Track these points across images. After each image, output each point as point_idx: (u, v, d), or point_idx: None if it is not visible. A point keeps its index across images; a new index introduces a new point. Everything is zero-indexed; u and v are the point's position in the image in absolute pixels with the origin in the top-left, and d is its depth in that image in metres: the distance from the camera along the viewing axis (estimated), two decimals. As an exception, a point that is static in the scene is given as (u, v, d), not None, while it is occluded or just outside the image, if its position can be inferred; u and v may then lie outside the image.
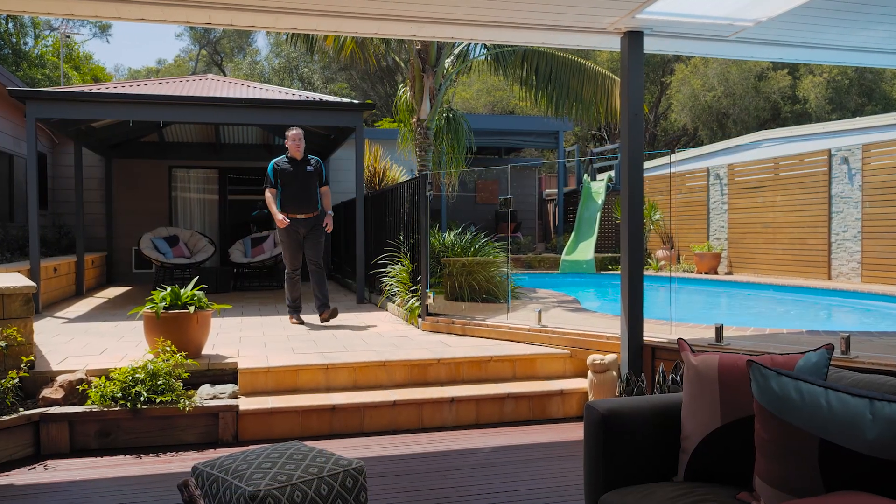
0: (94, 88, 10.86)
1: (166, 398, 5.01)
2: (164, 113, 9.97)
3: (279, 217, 7.70)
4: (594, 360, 5.68)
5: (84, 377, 5.19)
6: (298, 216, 7.77)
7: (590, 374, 5.72)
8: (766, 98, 25.62)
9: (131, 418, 4.97)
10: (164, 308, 5.72)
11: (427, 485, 4.18)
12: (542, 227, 21.58)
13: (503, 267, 8.78)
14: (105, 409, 4.93)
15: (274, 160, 7.88)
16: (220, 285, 11.79)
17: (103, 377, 5.18)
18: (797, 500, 2.08)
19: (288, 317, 8.26)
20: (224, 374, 5.70)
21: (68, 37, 29.44)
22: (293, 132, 7.89)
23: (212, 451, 4.91)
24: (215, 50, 42.09)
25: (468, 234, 8.73)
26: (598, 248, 17.17)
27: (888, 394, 2.19)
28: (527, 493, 4.04)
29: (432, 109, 10.55)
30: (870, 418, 2.07)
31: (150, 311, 5.71)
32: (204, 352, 6.04)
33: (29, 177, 9.07)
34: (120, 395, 4.98)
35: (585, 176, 18.97)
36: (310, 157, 7.99)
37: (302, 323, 7.94)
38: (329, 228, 7.93)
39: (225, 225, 15.04)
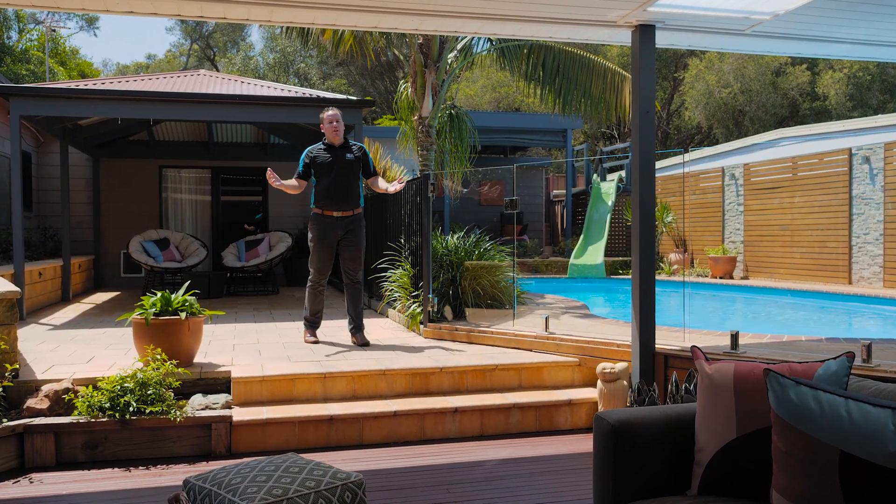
0: (81, 84, 10.88)
1: (156, 408, 5.02)
2: (154, 110, 9.99)
3: (275, 183, 6.60)
4: (604, 368, 5.68)
5: (70, 386, 5.20)
6: (335, 214, 6.84)
7: (599, 383, 5.72)
8: (784, 95, 25.62)
9: (120, 429, 4.97)
10: (154, 314, 5.73)
11: (429, 499, 4.18)
12: (550, 230, 21.57)
13: (509, 271, 8.78)
14: (92, 420, 4.94)
15: (308, 147, 7.02)
16: (213, 290, 11.81)
17: (90, 386, 5.19)
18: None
19: (302, 332, 7.29)
20: (217, 383, 5.71)
21: (54, 31, 29.51)
22: (329, 113, 6.90)
23: (204, 463, 4.92)
24: (207, 44, 42.17)
25: (472, 236, 8.74)
26: (608, 252, 17.17)
27: (911, 404, 2.19)
28: (533, 508, 4.04)
29: (434, 106, 10.57)
30: (892, 430, 2.07)
31: (139, 317, 5.72)
32: (196, 360, 6.05)
33: (13, 177, 9.09)
34: (108, 405, 4.99)
35: (595, 176, 18.97)
36: (352, 142, 7.04)
37: (318, 342, 7.05)
38: (397, 188, 6.83)
39: (218, 227, 15.05)
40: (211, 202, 15.05)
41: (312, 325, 7.16)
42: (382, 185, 7.01)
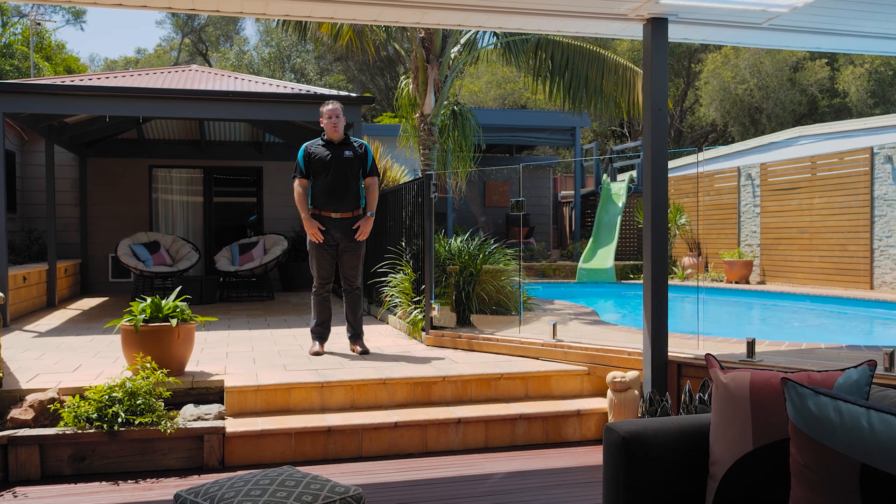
0: (68, 80, 10.90)
1: (146, 419, 5.03)
2: (143, 107, 10.01)
3: (309, 226, 6.73)
4: (614, 377, 5.68)
5: (56, 396, 5.21)
6: (332, 215, 6.77)
7: (609, 392, 5.72)
8: (803, 91, 25.61)
9: (108, 441, 4.98)
10: (144, 321, 5.73)
11: (431, 514, 4.19)
12: (558, 233, 21.58)
13: (514, 276, 8.79)
14: (79, 432, 4.94)
15: (306, 144, 6.91)
16: (205, 296, 11.82)
17: (77, 396, 5.20)
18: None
19: (311, 344, 7.10)
20: (209, 392, 5.71)
21: (39, 24, 29.59)
22: (328, 107, 6.79)
23: (196, 477, 4.92)
24: (200, 38, 42.25)
25: (476, 239, 8.74)
26: (619, 256, 17.16)
27: (936, 415, 2.19)
28: (540, 524, 4.04)
29: (437, 103, 10.57)
30: (916, 441, 2.07)
31: (128, 324, 5.73)
32: (187, 368, 6.06)
33: (-3, 177, 9.10)
34: (95, 415, 5.00)
35: (605, 176, 18.98)
36: (353, 139, 6.94)
37: (321, 353, 6.87)
38: (362, 235, 6.81)
39: (210, 230, 15.07)
40: (203, 203, 15.07)
41: (319, 336, 7.03)
42: (369, 198, 6.91)
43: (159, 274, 11.79)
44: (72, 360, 6.63)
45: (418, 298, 7.98)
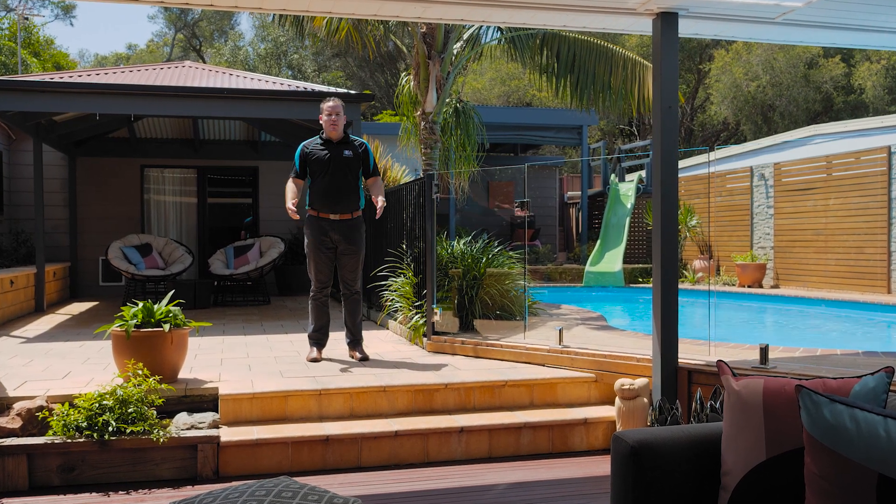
0: (57, 77, 10.93)
1: (138, 428, 5.03)
2: (135, 105, 10.02)
3: (288, 205, 6.53)
4: (622, 384, 5.67)
5: (45, 404, 5.21)
6: (331, 217, 6.75)
7: (617, 400, 5.72)
8: (817, 88, 25.61)
9: (98, 451, 4.98)
10: (136, 326, 5.73)
11: (433, 526, 4.19)
12: (564, 235, 21.58)
13: (519, 279, 8.78)
14: (69, 441, 4.94)
15: (304, 142, 6.91)
16: (199, 300, 11.83)
17: (66, 404, 5.20)
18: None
19: (308, 350, 7.05)
20: (203, 400, 5.71)
21: (27, 19, 29.65)
22: (329, 104, 6.78)
23: (189, 488, 4.92)
24: (193, 34, 42.32)
25: (480, 242, 8.74)
26: (627, 259, 17.16)
27: (956, 423, 2.18)
28: (546, 537, 4.04)
29: (439, 101, 10.58)
30: (935, 451, 2.07)
31: (119, 329, 5.73)
32: (180, 375, 6.06)
33: (-17, 177, 9.12)
34: (85, 424, 5.00)
35: (613, 176, 18.98)
36: (353, 138, 6.94)
37: (320, 360, 6.85)
38: (379, 213, 6.86)
39: (204, 232, 15.09)
40: (197, 204, 15.08)
41: (317, 342, 7.03)
42: (375, 193, 6.86)
43: (151, 277, 11.80)
44: (61, 366, 6.63)
45: (420, 303, 7.98)
